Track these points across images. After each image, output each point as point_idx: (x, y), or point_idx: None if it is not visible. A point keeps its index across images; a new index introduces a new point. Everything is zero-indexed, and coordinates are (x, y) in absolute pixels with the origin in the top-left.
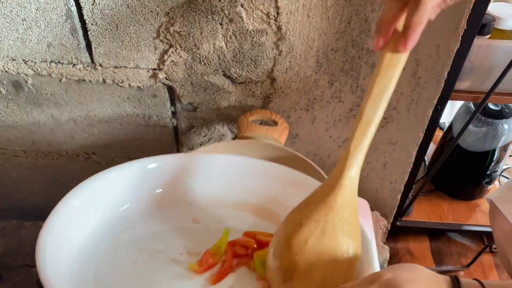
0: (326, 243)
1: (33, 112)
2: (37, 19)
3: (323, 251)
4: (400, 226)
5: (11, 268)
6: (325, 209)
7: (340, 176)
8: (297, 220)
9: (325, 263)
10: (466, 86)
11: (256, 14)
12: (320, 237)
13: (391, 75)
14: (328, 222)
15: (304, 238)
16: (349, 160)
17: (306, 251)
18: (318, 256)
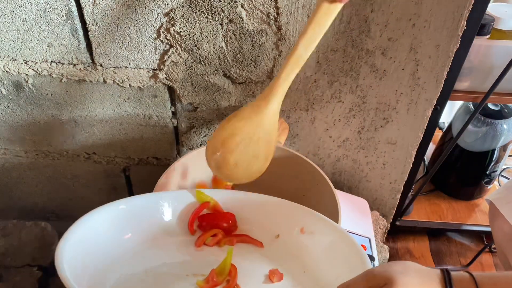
0: (250, 147)
1: (33, 112)
2: (37, 19)
3: (247, 152)
4: (400, 225)
5: (11, 268)
6: (253, 125)
7: (269, 101)
8: (231, 130)
9: (247, 160)
10: (465, 86)
11: (256, 14)
12: (247, 143)
13: (325, 22)
14: (255, 134)
15: (235, 143)
16: (279, 87)
17: (236, 151)
18: (243, 155)
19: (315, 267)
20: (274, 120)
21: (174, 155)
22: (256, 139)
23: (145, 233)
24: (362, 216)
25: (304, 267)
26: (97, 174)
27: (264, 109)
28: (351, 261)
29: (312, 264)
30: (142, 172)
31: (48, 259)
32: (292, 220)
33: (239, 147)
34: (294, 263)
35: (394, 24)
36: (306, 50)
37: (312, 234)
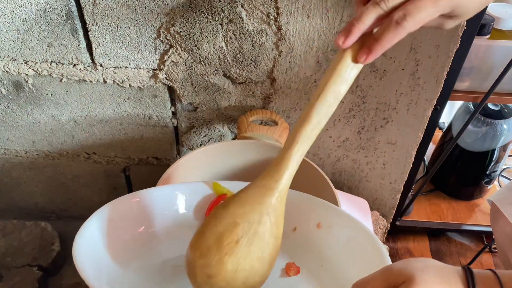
0: (255, 244)
1: (33, 112)
2: (37, 19)
3: (251, 252)
4: (400, 225)
5: (11, 268)
6: (260, 212)
7: (278, 179)
8: (231, 219)
9: (250, 263)
10: (465, 86)
11: (256, 14)
12: (251, 238)
13: (346, 83)
14: (261, 224)
15: (237, 239)
16: (289, 163)
17: (236, 251)
18: (246, 256)
19: (333, 261)
20: (283, 206)
21: (174, 155)
22: (262, 231)
23: (160, 226)
24: (362, 216)
25: (322, 261)
26: (97, 174)
27: (273, 189)
28: (371, 257)
29: (330, 259)
30: (142, 172)
31: (48, 259)
32: (309, 213)
33: (240, 244)
34: (311, 257)
35: None
36: (323, 119)
37: (330, 228)
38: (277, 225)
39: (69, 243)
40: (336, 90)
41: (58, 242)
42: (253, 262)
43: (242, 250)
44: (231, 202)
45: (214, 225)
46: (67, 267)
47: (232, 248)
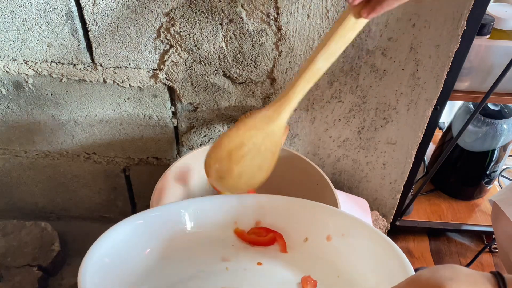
0: (256, 158)
1: (33, 112)
2: (37, 19)
3: (252, 163)
4: (400, 226)
5: (11, 268)
6: (262, 135)
7: (281, 111)
8: (240, 139)
9: (252, 170)
10: (465, 86)
11: (256, 14)
12: (254, 154)
13: (349, 36)
14: (262, 144)
15: (242, 154)
16: (292, 99)
17: (241, 162)
18: (248, 166)
19: (350, 271)
20: (282, 131)
21: (174, 155)
22: (263, 149)
23: (167, 246)
24: (362, 216)
25: (338, 272)
26: (97, 174)
27: (275, 120)
28: (391, 266)
29: (346, 269)
30: (142, 172)
31: (48, 259)
32: (320, 222)
33: (246, 158)
34: (326, 268)
35: (394, 24)
36: (325, 64)
37: (343, 237)
38: (275, 145)
39: (69, 243)
40: (341, 41)
41: (58, 242)
42: (254, 170)
43: (246, 162)
44: (242, 126)
45: (227, 142)
46: (67, 267)
47: (239, 160)
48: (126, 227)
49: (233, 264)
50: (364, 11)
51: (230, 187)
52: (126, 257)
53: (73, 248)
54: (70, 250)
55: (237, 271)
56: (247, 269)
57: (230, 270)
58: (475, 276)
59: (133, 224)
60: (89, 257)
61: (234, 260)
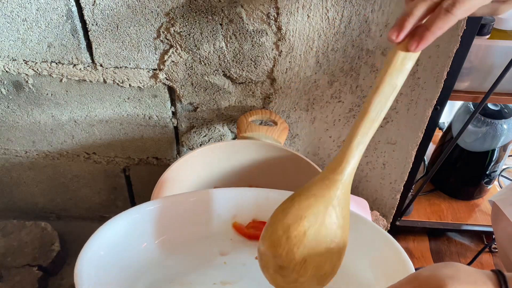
0: (322, 235)
1: (33, 112)
2: (37, 20)
3: (319, 242)
4: (400, 226)
5: (11, 268)
6: (325, 203)
7: (341, 172)
8: (296, 211)
9: (319, 253)
10: (465, 86)
11: (256, 14)
12: (318, 229)
13: (401, 76)
14: (327, 215)
15: (304, 231)
16: (351, 156)
17: (304, 242)
18: (314, 247)
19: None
20: (347, 198)
21: (174, 155)
22: (328, 223)
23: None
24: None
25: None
26: (97, 174)
27: (336, 182)
28: (390, 262)
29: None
30: (142, 172)
31: (48, 259)
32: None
33: (308, 235)
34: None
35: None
36: (381, 111)
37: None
38: (343, 216)
39: (69, 243)
40: (393, 83)
41: (58, 242)
42: (322, 252)
43: (310, 241)
44: (297, 196)
45: (282, 218)
46: (67, 267)
47: (300, 239)
48: (122, 221)
49: (231, 258)
50: (412, 44)
51: (293, 281)
52: (122, 251)
53: (73, 248)
54: (70, 250)
55: (235, 266)
56: (246, 263)
57: (228, 265)
58: (476, 274)
59: (129, 218)
60: (85, 250)
61: (232, 255)
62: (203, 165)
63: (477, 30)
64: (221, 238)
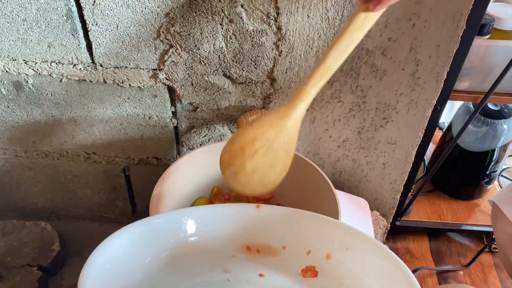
0: (269, 155)
1: (33, 112)
2: (37, 20)
3: (266, 160)
4: (400, 226)
5: (11, 268)
6: (276, 131)
7: (294, 107)
8: (252, 134)
9: (264, 168)
10: (465, 86)
11: (256, 14)
12: (266, 150)
13: (360, 32)
14: (275, 141)
15: (255, 149)
16: (305, 96)
17: (254, 158)
18: (261, 163)
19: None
20: (297, 129)
21: (174, 155)
22: (276, 146)
23: (168, 255)
24: (362, 216)
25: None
26: (97, 174)
27: (288, 115)
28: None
29: (350, 283)
30: (142, 172)
31: (48, 259)
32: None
33: (258, 153)
34: (329, 282)
35: (394, 24)
36: (336, 61)
37: (348, 251)
38: (289, 143)
39: (69, 243)
40: (351, 38)
41: (58, 242)
42: (267, 167)
43: (259, 158)
44: (256, 121)
45: (241, 138)
46: (67, 267)
47: (252, 155)
48: (127, 233)
49: (235, 275)
50: (371, 4)
51: (243, 184)
52: (127, 265)
53: (73, 248)
54: (70, 250)
55: (239, 283)
56: (249, 281)
57: (232, 282)
58: None
59: (134, 231)
60: (90, 263)
61: (236, 271)
62: (203, 165)
63: (477, 30)
64: (224, 255)
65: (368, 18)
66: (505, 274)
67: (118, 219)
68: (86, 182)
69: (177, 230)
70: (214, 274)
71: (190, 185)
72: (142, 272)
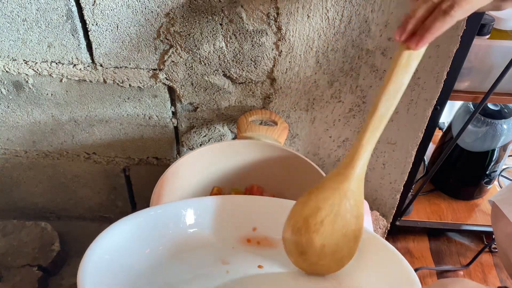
0: (338, 224)
1: (33, 112)
2: (37, 20)
3: (335, 230)
4: (400, 225)
5: (11, 268)
6: (339, 196)
7: (353, 166)
8: (314, 203)
9: (335, 240)
10: (465, 86)
11: (256, 14)
12: (333, 219)
13: (406, 75)
14: (341, 206)
15: (321, 220)
16: (362, 151)
17: (321, 230)
18: (330, 234)
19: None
20: (361, 190)
21: (174, 155)
22: (343, 213)
23: (168, 247)
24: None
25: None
26: (97, 174)
27: (349, 177)
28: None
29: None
30: (142, 172)
31: (48, 259)
32: None
33: (325, 224)
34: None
35: (394, 24)
36: (389, 108)
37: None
38: (357, 206)
39: (69, 243)
40: (399, 80)
41: (58, 242)
42: (338, 238)
43: (327, 229)
44: (314, 189)
45: (301, 210)
46: (67, 267)
47: (318, 228)
48: (126, 225)
49: (234, 267)
50: (411, 42)
51: (312, 265)
52: (126, 256)
53: (73, 248)
54: (70, 250)
55: (238, 274)
56: (248, 272)
57: (231, 273)
58: None
59: (134, 222)
60: (89, 254)
61: (235, 263)
62: (203, 165)
63: (477, 30)
64: (223, 246)
65: (412, 56)
66: (505, 274)
67: (118, 219)
68: (86, 182)
69: (177, 222)
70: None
71: (190, 185)
72: (141, 263)
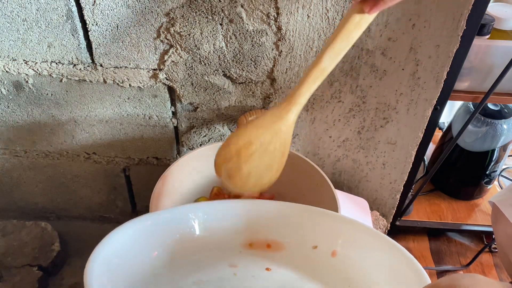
0: (264, 158)
1: (33, 112)
2: (37, 20)
3: (261, 163)
4: (400, 225)
5: (11, 268)
6: (271, 134)
7: (288, 111)
8: (247, 138)
9: (260, 171)
10: (465, 86)
11: (256, 14)
12: (262, 154)
13: (354, 34)
14: (271, 144)
15: (251, 153)
16: (299, 99)
17: (250, 161)
18: (257, 166)
19: (362, 281)
20: (291, 131)
21: (174, 155)
22: (272, 149)
23: (175, 250)
24: (362, 216)
25: (349, 281)
26: (97, 174)
27: (283, 118)
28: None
29: (358, 278)
30: (142, 172)
31: (48, 259)
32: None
33: (254, 156)
34: (336, 276)
35: (394, 24)
36: (331, 63)
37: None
38: (284, 145)
39: (69, 243)
40: (348, 39)
41: (58, 242)
42: (262, 170)
43: (254, 161)
44: (250, 125)
45: (236, 141)
46: (67, 267)
47: (247, 159)
48: (134, 227)
49: (241, 270)
50: (366, 6)
51: (239, 186)
52: (134, 259)
53: (73, 248)
54: (70, 250)
55: (246, 277)
56: (256, 275)
57: (239, 276)
58: (495, 285)
59: (142, 225)
60: (96, 256)
61: (242, 266)
62: (203, 165)
63: (477, 30)
64: (230, 250)
65: (363, 19)
66: (505, 274)
67: (118, 219)
68: (86, 182)
69: (184, 225)
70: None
71: (190, 185)
72: (149, 266)
